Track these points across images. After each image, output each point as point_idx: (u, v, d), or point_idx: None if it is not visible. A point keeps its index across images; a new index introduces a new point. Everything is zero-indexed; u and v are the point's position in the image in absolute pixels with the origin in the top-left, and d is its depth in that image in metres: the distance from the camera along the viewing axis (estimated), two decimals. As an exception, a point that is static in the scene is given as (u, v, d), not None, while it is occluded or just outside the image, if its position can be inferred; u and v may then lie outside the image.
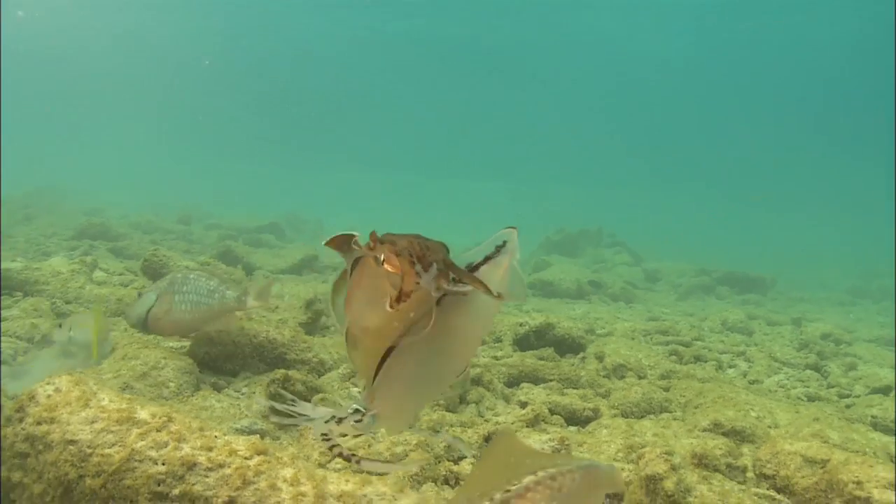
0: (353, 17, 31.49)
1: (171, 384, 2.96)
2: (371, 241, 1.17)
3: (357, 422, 1.28)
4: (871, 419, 3.76)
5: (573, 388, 3.66)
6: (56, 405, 1.81)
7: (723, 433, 3.03)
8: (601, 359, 4.27)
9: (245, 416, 2.80)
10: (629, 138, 50.78)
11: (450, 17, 30.61)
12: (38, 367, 3.15)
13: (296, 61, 40.71)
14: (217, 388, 3.23)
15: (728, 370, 5.14)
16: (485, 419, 3.00)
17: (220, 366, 3.39)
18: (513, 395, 3.48)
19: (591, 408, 3.14)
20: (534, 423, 2.81)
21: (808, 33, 29.06)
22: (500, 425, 2.88)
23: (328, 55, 38.93)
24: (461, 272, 1.24)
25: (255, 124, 51.69)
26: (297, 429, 2.70)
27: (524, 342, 4.56)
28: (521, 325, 4.63)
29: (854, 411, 3.91)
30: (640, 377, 4.18)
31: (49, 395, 1.84)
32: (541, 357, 4.23)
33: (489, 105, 48.85)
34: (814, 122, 41.12)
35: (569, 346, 4.58)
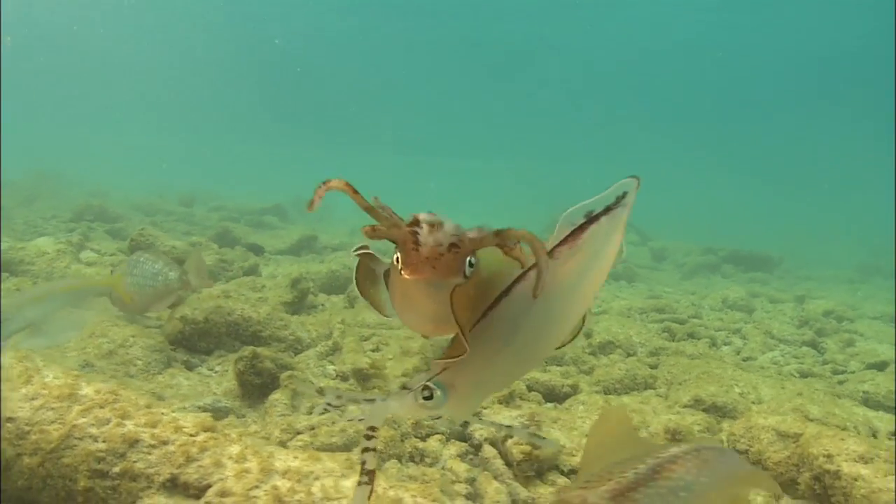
0: (361, 5, 31.08)
1: (139, 362, 2.95)
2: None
3: (426, 398, 1.07)
4: (863, 394, 3.68)
5: (556, 365, 3.61)
6: (-4, 382, 1.78)
7: (703, 409, 2.97)
8: (589, 336, 4.21)
9: (212, 394, 2.78)
10: (639, 116, 50.04)
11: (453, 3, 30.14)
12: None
13: (307, 45, 40.34)
14: (189, 366, 3.21)
15: (723, 347, 5.07)
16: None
17: (194, 344, 3.37)
18: None
19: (571, 384, 3.09)
20: (508, 399, 2.76)
21: (814, 10, 28.34)
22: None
23: (337, 38, 38.52)
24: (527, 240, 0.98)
25: (264, 108, 51.56)
26: (264, 406, 2.68)
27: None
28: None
29: (845, 387, 3.83)
30: (628, 354, 4.12)
31: (-9, 373, 1.82)
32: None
33: (495, 86, 48.30)
34: (821, 99, 40.31)
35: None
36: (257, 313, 3.46)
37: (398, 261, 0.97)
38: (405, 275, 0.95)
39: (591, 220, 1.04)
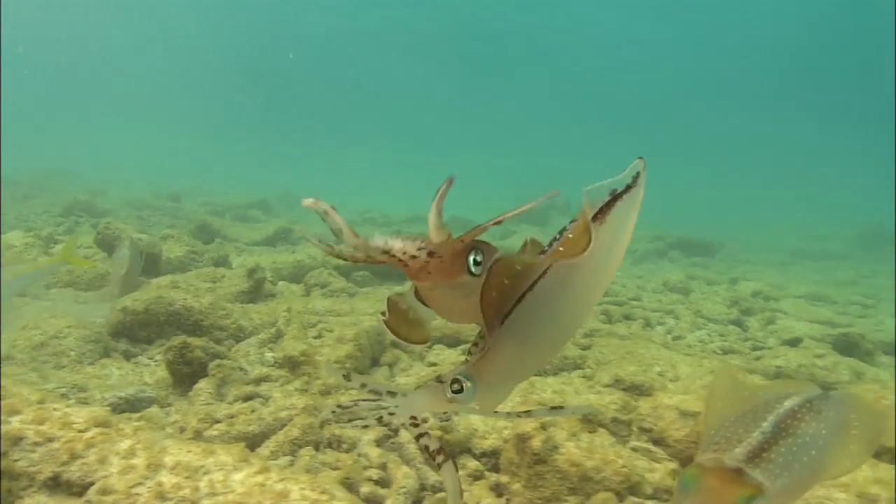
0: (346, 4, 30.30)
1: (72, 353, 2.75)
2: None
3: (456, 392, 0.99)
4: (775, 369, 3.64)
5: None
6: None
7: (623, 388, 2.88)
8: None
9: (142, 384, 2.60)
10: (603, 116, 50.32)
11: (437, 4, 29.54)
12: None
13: (295, 46, 39.40)
14: (128, 356, 3.02)
15: (657, 327, 5.01)
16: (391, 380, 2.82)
17: (136, 333, 3.18)
18: (440, 352, 3.31)
19: (497, 367, 2.97)
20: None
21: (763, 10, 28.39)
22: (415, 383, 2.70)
23: (325, 40, 37.65)
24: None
25: (257, 110, 50.79)
26: (188, 396, 2.51)
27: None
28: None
29: (761, 363, 3.79)
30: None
31: None
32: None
33: (471, 87, 48.03)
34: (766, 95, 40.78)
35: (500, 309, 4.41)
36: (199, 303, 3.27)
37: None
38: (416, 285, 0.95)
39: (616, 197, 1.01)
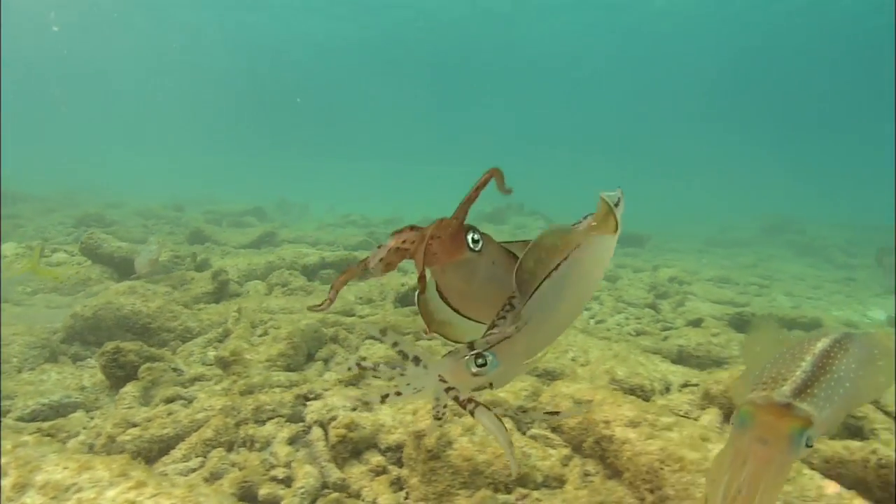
0: (342, 25, 29.08)
1: (14, 359, 2.44)
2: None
3: (480, 366, 0.90)
4: (678, 348, 3.51)
5: (427, 339, 3.28)
6: None
7: (536, 374, 2.69)
8: (463, 311, 3.90)
9: (78, 388, 2.31)
10: (556, 127, 50.49)
11: (426, 25, 28.48)
12: None
13: (300, 65, 38.13)
14: (77, 359, 2.71)
15: (583, 312, 4.87)
16: (307, 380, 2.57)
17: (85, 337, 2.87)
18: (371, 346, 3.07)
19: (422, 359, 2.76)
20: (357, 379, 2.40)
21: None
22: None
23: (325, 58, 36.41)
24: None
25: (261, 127, 49.73)
26: (114, 400, 2.23)
27: (405, 299, 4.15)
28: (403, 284, 4.21)
29: (667, 342, 3.66)
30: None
31: None
32: (416, 312, 3.84)
33: (445, 102, 47.70)
34: (702, 107, 41.16)
35: (442, 301, 4.20)
36: (147, 307, 2.97)
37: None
38: (431, 270, 0.92)
39: (616, 204, 1.01)
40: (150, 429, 1.95)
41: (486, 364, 0.89)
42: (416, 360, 0.94)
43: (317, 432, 1.96)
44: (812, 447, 0.93)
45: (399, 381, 0.93)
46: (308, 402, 2.11)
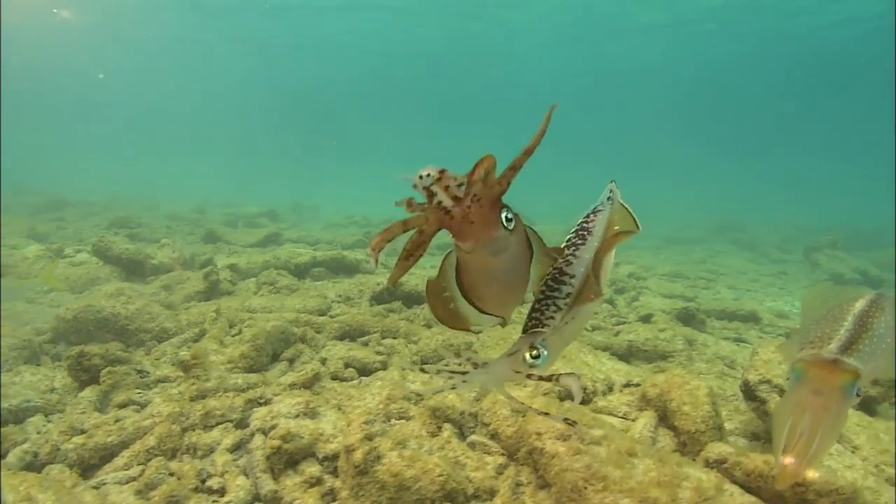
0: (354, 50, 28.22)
1: (-13, 363, 2.18)
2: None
3: (535, 358, 0.87)
4: (627, 343, 3.28)
5: (392, 338, 3.03)
6: None
7: (487, 373, 2.45)
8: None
9: (48, 390, 2.04)
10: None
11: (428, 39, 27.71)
12: None
13: (319, 88, 37.25)
14: (57, 360, 2.45)
15: (546, 307, 4.63)
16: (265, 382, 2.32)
17: (69, 338, 2.61)
18: (333, 347, 2.81)
19: (381, 360, 2.50)
20: (311, 382, 2.14)
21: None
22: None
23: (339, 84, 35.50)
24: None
25: (284, 136, 49.24)
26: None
27: (380, 298, 3.89)
28: (379, 283, 3.96)
29: (619, 337, 3.42)
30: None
31: None
32: (391, 310, 3.59)
33: (439, 113, 47.13)
34: (669, 117, 40.73)
35: (416, 300, 3.94)
36: (126, 309, 2.70)
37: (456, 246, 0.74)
38: (463, 246, 0.70)
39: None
40: (96, 436, 1.70)
41: (540, 357, 0.87)
42: (479, 364, 0.93)
43: (258, 440, 1.71)
44: (861, 396, 0.93)
45: (460, 378, 0.90)
46: (256, 409, 1.86)
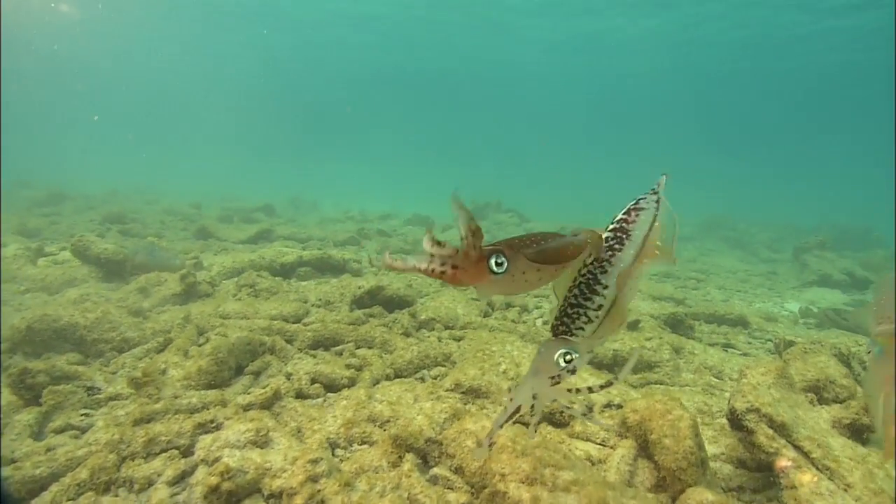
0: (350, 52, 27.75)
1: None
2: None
3: (567, 362, 0.88)
4: (613, 352, 3.11)
5: (367, 347, 2.84)
6: None
7: (462, 392, 2.27)
8: (414, 315, 3.46)
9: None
10: (530, 137, 49.71)
11: (420, 47, 27.24)
12: None
13: (328, 85, 36.64)
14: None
15: (533, 311, 4.45)
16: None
17: (24, 349, 2.41)
18: (300, 360, 2.62)
19: (349, 376, 2.32)
20: (271, 401, 1.96)
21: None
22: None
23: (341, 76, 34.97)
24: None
25: (287, 134, 48.78)
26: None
27: (360, 302, 3.71)
28: (360, 287, 3.77)
29: (602, 347, 3.25)
30: (446, 328, 3.41)
31: None
32: (370, 314, 3.41)
33: (438, 116, 46.75)
34: (666, 119, 40.43)
35: (397, 304, 3.76)
36: (85, 318, 2.51)
37: None
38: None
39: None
40: (24, 468, 1.51)
41: (572, 360, 0.88)
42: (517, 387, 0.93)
43: (200, 473, 1.53)
44: None
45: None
46: (204, 435, 1.68)
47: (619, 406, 2.09)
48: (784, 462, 1.57)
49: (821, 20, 17.25)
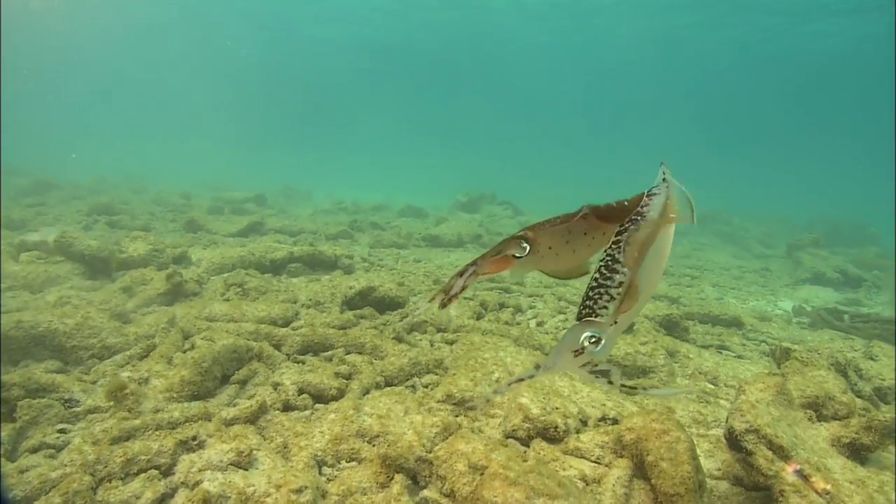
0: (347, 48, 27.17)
1: None
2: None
3: (594, 343, 0.85)
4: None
5: (357, 353, 2.78)
6: None
7: (453, 403, 2.22)
8: (405, 316, 3.40)
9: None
10: (525, 130, 49.38)
11: (413, 31, 26.63)
12: None
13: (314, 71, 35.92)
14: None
15: (527, 312, 4.40)
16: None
17: (2, 358, 2.32)
18: (288, 368, 2.54)
19: (338, 386, 2.25)
20: (256, 415, 1.89)
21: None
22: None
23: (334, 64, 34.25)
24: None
25: (278, 124, 48.07)
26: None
27: (351, 302, 3.63)
28: (350, 287, 3.69)
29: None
30: (438, 330, 3.34)
31: None
32: (361, 316, 3.34)
33: (433, 107, 46.16)
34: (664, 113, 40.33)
35: (388, 305, 3.69)
36: (64, 325, 2.41)
37: None
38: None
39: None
40: (-9, 493, 1.44)
41: (599, 343, 0.87)
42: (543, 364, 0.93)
43: (181, 497, 1.46)
44: None
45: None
46: (185, 454, 1.61)
47: (614, 420, 2.05)
48: (783, 486, 1.53)
49: (821, 19, 17.13)
